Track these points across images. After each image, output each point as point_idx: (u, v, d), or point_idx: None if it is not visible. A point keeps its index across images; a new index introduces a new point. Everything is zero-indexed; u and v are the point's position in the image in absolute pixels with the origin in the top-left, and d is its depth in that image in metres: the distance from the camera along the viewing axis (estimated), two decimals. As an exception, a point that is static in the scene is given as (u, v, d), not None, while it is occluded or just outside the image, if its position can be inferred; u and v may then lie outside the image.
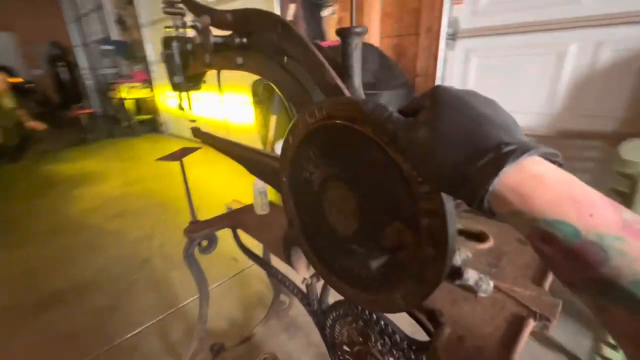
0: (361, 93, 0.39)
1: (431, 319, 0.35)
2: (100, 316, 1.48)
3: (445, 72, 2.12)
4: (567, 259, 0.22)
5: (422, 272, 0.29)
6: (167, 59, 0.65)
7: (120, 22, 5.09)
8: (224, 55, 0.52)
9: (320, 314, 0.78)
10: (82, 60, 7.10)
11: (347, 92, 0.36)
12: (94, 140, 4.81)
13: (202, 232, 0.99)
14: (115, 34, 5.27)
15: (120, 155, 4.15)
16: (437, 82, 2.17)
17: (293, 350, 1.22)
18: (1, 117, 3.25)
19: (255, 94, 2.71)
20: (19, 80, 5.23)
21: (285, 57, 0.45)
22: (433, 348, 0.32)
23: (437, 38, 2.06)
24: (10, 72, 4.94)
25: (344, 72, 0.38)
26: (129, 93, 4.83)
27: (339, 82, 0.36)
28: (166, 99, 4.87)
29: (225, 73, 0.61)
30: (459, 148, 0.25)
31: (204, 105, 4.39)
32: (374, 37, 2.52)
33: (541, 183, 0.23)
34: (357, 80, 0.39)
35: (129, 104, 4.98)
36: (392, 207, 0.30)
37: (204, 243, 1.04)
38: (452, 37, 2.02)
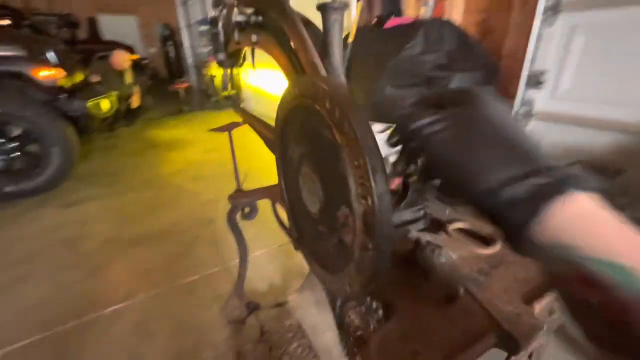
0: (339, 72, 0.38)
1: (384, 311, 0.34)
2: (171, 259, 1.76)
3: (537, 54, 1.81)
4: (612, 310, 0.18)
5: (359, 259, 0.28)
6: (213, 37, 0.71)
7: (217, 5, 5.57)
8: (246, 33, 0.55)
9: (332, 293, 0.80)
10: (185, 39, 8.05)
11: (322, 70, 0.35)
12: (187, 111, 5.51)
13: (243, 200, 1.08)
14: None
15: (206, 126, 4.68)
16: (527, 64, 1.86)
17: (318, 323, 1.27)
18: (121, 89, 3.96)
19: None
20: (138, 57, 6.22)
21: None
22: (366, 339, 0.30)
23: (533, 12, 1.75)
24: (131, 50, 5.92)
25: (323, 49, 0.37)
26: (218, 70, 5.33)
27: (316, 59, 0.36)
28: (248, 77, 5.24)
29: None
30: (497, 160, 0.22)
31: (280, 83, 4.61)
32: (456, 12, 2.27)
33: (595, 218, 0.20)
34: (337, 57, 0.37)
35: (218, 80, 5.51)
36: (341, 190, 0.29)
37: (246, 210, 1.14)
38: (554, 9, 1.69)
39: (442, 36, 1.99)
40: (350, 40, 2.15)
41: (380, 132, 1.63)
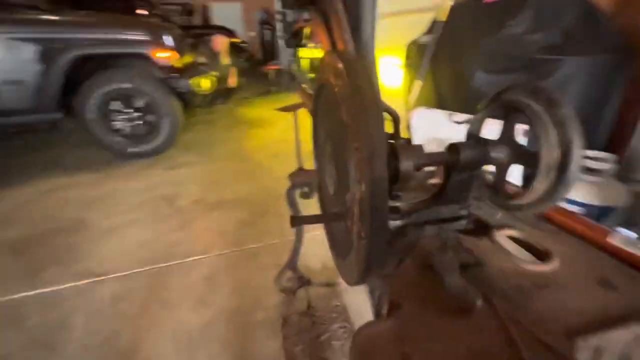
0: (369, 48, 0.33)
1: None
2: (242, 225, 1.96)
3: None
4: None
5: (357, 248, 0.26)
6: (282, 17, 0.73)
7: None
8: (301, 11, 0.54)
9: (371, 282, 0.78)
10: (279, 23, 8.45)
11: (350, 45, 0.32)
12: (275, 92, 5.87)
13: (301, 179, 1.12)
14: None
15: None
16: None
17: (364, 310, 1.26)
18: (220, 70, 4.44)
19: (408, 55, 2.56)
20: (237, 40, 6.82)
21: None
22: (353, 341, 0.28)
23: None
24: (233, 34, 6.51)
25: (354, 23, 0.33)
26: (305, 53, 5.48)
27: (347, 34, 0.32)
28: (333, 59, 5.25)
29: (381, 33, 0.59)
30: None
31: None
32: (585, -22, 1.83)
33: None
34: (367, 32, 0.33)
35: (305, 63, 5.68)
36: (347, 173, 0.27)
37: (305, 189, 1.18)
38: None
39: (559, 10, 1.65)
40: (441, 19, 1.97)
41: (460, 123, 1.48)
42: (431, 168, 0.65)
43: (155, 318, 1.32)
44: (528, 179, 0.39)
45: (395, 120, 0.39)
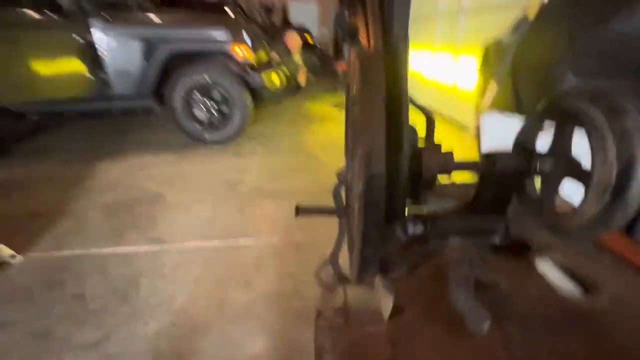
0: (398, 42, 0.31)
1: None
2: (292, 215, 2.02)
3: None
4: None
5: (356, 244, 0.25)
6: (339, 13, 0.74)
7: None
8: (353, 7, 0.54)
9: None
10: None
11: (378, 41, 0.30)
12: (340, 89, 5.92)
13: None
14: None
15: (353, 105, 4.92)
16: None
17: (401, 319, 1.22)
18: (290, 67, 4.63)
19: (485, 56, 2.34)
20: (310, 38, 7.02)
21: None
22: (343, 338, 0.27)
23: None
24: (307, 32, 6.73)
25: (387, 15, 0.31)
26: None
27: (377, 29, 0.31)
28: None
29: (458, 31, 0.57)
30: None
31: (435, 68, 4.27)
32: None
33: None
34: (398, 27, 0.31)
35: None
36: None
37: (352, 187, 1.18)
38: None
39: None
40: (528, 16, 1.77)
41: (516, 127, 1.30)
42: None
43: (205, 289, 1.46)
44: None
45: (429, 121, 0.37)
